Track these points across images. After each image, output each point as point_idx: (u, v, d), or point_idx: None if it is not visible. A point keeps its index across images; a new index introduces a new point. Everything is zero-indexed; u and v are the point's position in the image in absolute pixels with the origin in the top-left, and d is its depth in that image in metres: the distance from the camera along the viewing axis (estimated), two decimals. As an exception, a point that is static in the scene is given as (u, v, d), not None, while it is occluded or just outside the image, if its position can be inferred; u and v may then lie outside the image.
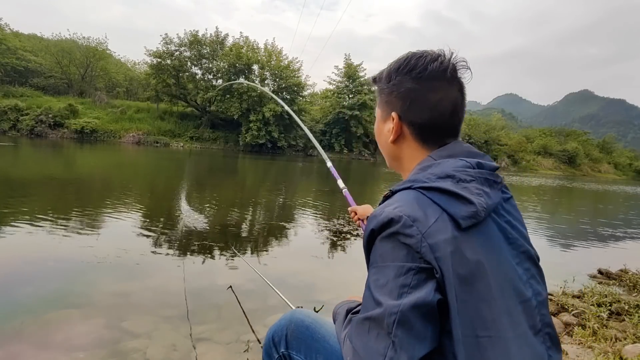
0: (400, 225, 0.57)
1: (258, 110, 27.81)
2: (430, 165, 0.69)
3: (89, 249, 3.32)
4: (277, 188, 9.75)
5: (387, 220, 0.59)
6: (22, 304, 2.28)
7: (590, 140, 60.54)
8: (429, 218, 0.57)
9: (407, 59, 0.74)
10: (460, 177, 0.63)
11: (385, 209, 0.60)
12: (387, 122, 0.78)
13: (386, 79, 0.77)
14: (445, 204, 0.59)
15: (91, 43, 32.18)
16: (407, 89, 0.73)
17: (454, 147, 0.72)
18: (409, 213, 0.58)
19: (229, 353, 1.94)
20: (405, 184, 0.66)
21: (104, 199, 5.59)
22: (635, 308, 2.73)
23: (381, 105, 0.80)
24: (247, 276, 2.94)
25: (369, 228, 0.63)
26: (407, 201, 0.60)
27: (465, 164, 0.66)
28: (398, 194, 0.65)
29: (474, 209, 0.59)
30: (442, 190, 0.60)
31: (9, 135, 23.25)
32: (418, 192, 0.62)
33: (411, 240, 0.56)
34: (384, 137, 0.80)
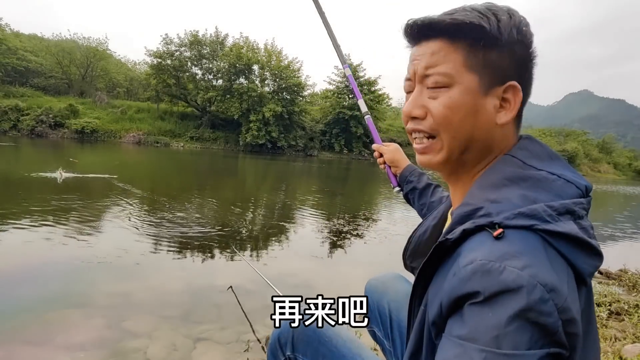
0: (535, 300, 0.39)
1: (258, 110, 27.81)
2: (523, 178, 0.51)
3: (89, 249, 3.33)
4: (277, 188, 9.75)
5: (514, 289, 0.39)
6: (22, 304, 2.28)
7: (590, 140, 60.53)
8: (564, 283, 0.41)
9: (521, 18, 0.55)
10: (578, 214, 0.48)
11: (508, 266, 0.41)
12: (490, 94, 0.55)
13: (506, 33, 0.53)
14: (573, 256, 0.44)
15: (91, 43, 32.21)
16: (526, 55, 0.55)
17: (533, 145, 0.57)
18: (545, 279, 0.40)
19: (229, 353, 1.94)
20: (521, 218, 0.45)
21: (104, 199, 5.59)
22: (634, 308, 2.73)
23: (479, 69, 0.54)
24: (247, 276, 2.94)
25: (464, 290, 0.42)
26: (536, 256, 0.42)
27: (577, 191, 0.50)
28: (514, 236, 0.44)
29: (600, 262, 0.46)
30: (569, 237, 0.44)
31: (9, 135, 23.25)
32: (542, 238, 0.44)
33: (547, 320, 0.39)
34: (484, 115, 0.55)
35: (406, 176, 1.18)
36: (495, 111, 0.55)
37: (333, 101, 32.22)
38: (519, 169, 0.53)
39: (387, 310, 1.08)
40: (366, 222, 5.79)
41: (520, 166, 0.53)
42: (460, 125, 0.56)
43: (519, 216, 0.45)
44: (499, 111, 0.55)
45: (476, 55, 0.54)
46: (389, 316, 1.07)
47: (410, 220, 6.25)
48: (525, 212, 0.46)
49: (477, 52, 0.54)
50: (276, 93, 29.17)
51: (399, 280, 1.16)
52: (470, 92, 0.55)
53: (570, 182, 0.51)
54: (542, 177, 0.51)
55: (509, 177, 0.52)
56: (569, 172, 0.53)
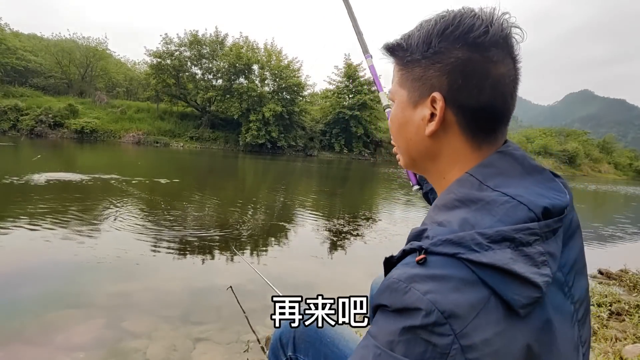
0: (428, 323, 0.42)
1: (258, 110, 27.81)
2: (474, 200, 0.50)
3: (89, 249, 3.32)
4: (277, 188, 9.75)
5: (413, 309, 0.43)
6: (22, 304, 2.29)
7: (590, 140, 60.56)
8: (471, 311, 0.42)
9: (455, 19, 0.53)
10: (521, 240, 0.45)
11: (413, 288, 0.43)
12: (419, 106, 0.56)
13: (422, 45, 0.55)
14: (499, 286, 0.43)
15: (91, 43, 32.19)
16: (458, 60, 0.52)
17: (504, 161, 0.54)
18: (445, 306, 0.42)
19: (229, 353, 1.94)
20: (446, 245, 0.46)
21: (104, 199, 5.59)
22: (635, 308, 2.73)
23: (408, 84, 0.58)
24: (247, 276, 2.94)
25: (378, 301, 0.47)
26: (446, 283, 0.43)
27: (528, 214, 0.47)
28: (434, 262, 0.45)
29: (538, 294, 0.44)
30: (497, 268, 0.44)
31: (8, 135, 23.25)
32: (465, 266, 0.44)
33: (438, 340, 0.41)
34: (412, 127, 0.58)
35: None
36: (424, 122, 0.56)
37: (333, 101, 32.21)
38: (472, 190, 0.51)
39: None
40: (366, 222, 5.79)
41: (475, 187, 0.51)
42: (397, 136, 0.63)
43: (445, 243, 0.46)
44: (429, 122, 0.56)
45: (405, 72, 0.58)
46: None
47: (410, 220, 6.25)
48: (453, 239, 0.46)
49: (405, 69, 0.58)
50: (276, 93, 29.17)
51: None
52: (401, 106, 0.60)
53: (524, 204, 0.47)
54: (491, 200, 0.49)
55: (460, 199, 0.51)
56: (534, 190, 0.50)
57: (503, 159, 0.54)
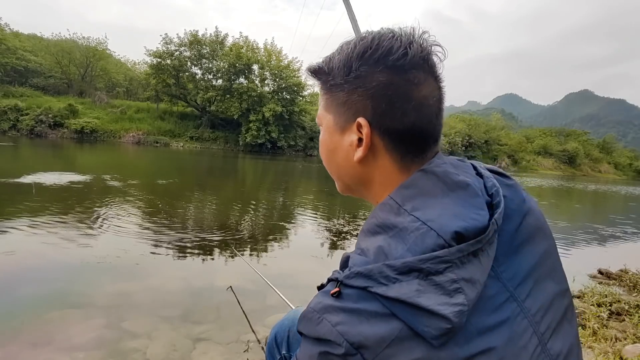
0: (339, 353, 0.43)
1: (258, 110, 27.83)
2: (390, 226, 0.49)
3: (89, 249, 3.32)
4: (276, 188, 9.75)
5: (325, 340, 0.44)
6: (22, 304, 2.28)
7: (590, 140, 60.65)
8: (381, 342, 0.42)
9: (373, 41, 0.52)
10: (429, 270, 0.44)
11: (325, 319, 0.45)
12: (346, 132, 0.55)
13: (343, 70, 0.53)
14: (408, 319, 0.43)
15: (91, 43, 32.24)
16: (380, 84, 0.51)
17: (425, 179, 0.52)
18: (354, 338, 0.42)
19: (229, 353, 1.94)
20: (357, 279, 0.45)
21: (104, 199, 5.59)
22: (635, 308, 2.73)
23: (333, 109, 0.56)
24: (247, 276, 2.94)
25: (298, 328, 0.49)
26: (356, 316, 0.44)
27: (436, 241, 0.45)
28: (348, 295, 0.46)
29: (448, 325, 0.42)
30: (405, 303, 0.43)
31: (8, 135, 23.26)
32: (376, 299, 0.44)
33: None
34: (342, 154, 0.57)
35: None
36: (353, 148, 0.55)
37: (333, 101, 32.25)
38: (390, 214, 0.50)
39: None
40: (366, 222, 5.79)
41: (394, 210, 0.50)
42: (327, 162, 0.61)
43: (357, 276, 0.45)
44: (358, 147, 0.54)
45: (329, 96, 0.56)
46: None
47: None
48: (363, 272, 0.45)
49: (329, 94, 0.56)
50: (276, 93, 29.19)
51: None
52: (329, 131, 0.58)
53: (434, 230, 0.45)
54: (404, 227, 0.47)
55: (379, 224, 0.50)
56: (452, 210, 0.48)
57: (424, 177, 0.52)
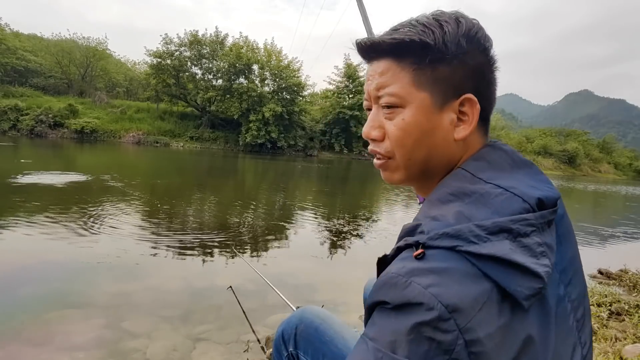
0: (431, 318, 0.40)
1: (258, 110, 27.83)
2: (468, 193, 0.49)
3: (89, 249, 3.32)
4: (277, 188, 9.75)
5: (415, 304, 0.41)
6: (22, 304, 2.28)
7: (590, 140, 60.64)
8: (474, 304, 0.41)
9: (472, 22, 0.53)
10: (519, 231, 0.44)
11: (414, 281, 0.42)
12: (445, 110, 0.53)
13: (452, 45, 0.51)
14: (501, 278, 0.42)
15: (91, 43, 32.24)
16: (481, 64, 0.53)
17: (494, 154, 0.53)
18: (449, 300, 0.40)
19: (229, 353, 1.94)
20: (444, 238, 0.44)
21: (104, 199, 5.59)
22: (635, 308, 2.73)
23: (430, 86, 0.53)
24: (247, 276, 2.94)
25: (375, 298, 0.45)
26: (448, 276, 0.42)
27: (523, 205, 0.46)
28: (433, 256, 0.44)
29: (540, 284, 0.42)
30: (498, 260, 0.42)
31: (9, 135, 23.26)
32: (465, 259, 0.43)
33: (442, 337, 0.40)
34: (441, 133, 0.54)
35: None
36: (452, 126, 0.53)
37: (333, 101, 32.24)
38: (465, 183, 0.50)
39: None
40: (366, 222, 5.79)
41: (468, 180, 0.51)
42: (415, 147, 0.55)
43: (443, 237, 0.44)
44: (457, 125, 0.53)
45: (424, 72, 0.52)
46: None
47: (410, 220, 6.25)
48: (450, 232, 0.44)
49: (424, 69, 0.52)
50: (276, 93, 29.19)
51: None
52: (423, 110, 0.53)
53: (518, 195, 0.47)
54: (485, 192, 0.48)
55: (454, 192, 0.50)
56: (529, 182, 0.49)
57: (494, 153, 0.54)
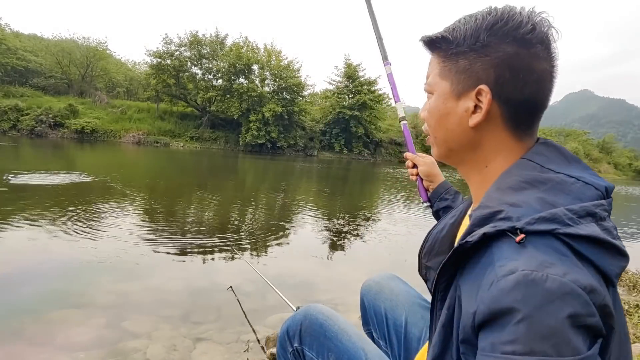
0: (580, 304, 0.40)
1: (258, 110, 27.83)
2: (542, 181, 0.51)
3: (89, 248, 3.32)
4: (277, 188, 9.75)
5: (561, 295, 0.40)
6: (22, 304, 2.28)
7: (590, 140, 60.58)
8: (598, 283, 0.42)
9: (504, 15, 0.54)
10: (600, 215, 0.47)
11: (550, 274, 0.40)
12: (463, 98, 0.58)
13: (470, 38, 0.56)
14: (597, 258, 0.44)
15: (91, 43, 32.22)
16: (506, 54, 0.54)
17: (549, 150, 0.56)
18: (584, 282, 0.40)
19: (229, 353, 1.94)
20: (541, 222, 0.45)
21: (104, 199, 5.59)
22: (635, 308, 2.73)
23: (451, 76, 0.59)
24: (247, 276, 2.94)
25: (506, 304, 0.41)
26: (569, 261, 0.43)
27: (597, 193, 0.49)
28: (538, 242, 0.44)
29: (625, 262, 0.46)
30: (592, 239, 0.44)
31: (9, 135, 23.25)
32: (563, 242, 0.44)
33: (592, 320, 0.40)
34: (454, 118, 0.59)
35: (440, 193, 1.12)
36: (468, 114, 0.58)
37: (333, 101, 32.23)
38: (536, 172, 0.53)
39: (383, 309, 1.09)
40: (366, 222, 5.79)
41: (538, 169, 0.53)
42: (436, 127, 0.63)
43: (540, 221, 0.45)
44: (473, 113, 0.57)
45: (448, 63, 0.59)
46: (385, 315, 1.08)
47: (410, 220, 6.25)
48: (546, 216, 0.46)
49: (449, 61, 0.59)
50: (276, 93, 29.19)
51: (393, 280, 1.17)
52: (442, 97, 0.61)
53: (589, 184, 0.50)
54: (561, 180, 0.51)
55: (527, 180, 0.52)
56: (587, 174, 0.53)
57: (549, 148, 0.56)
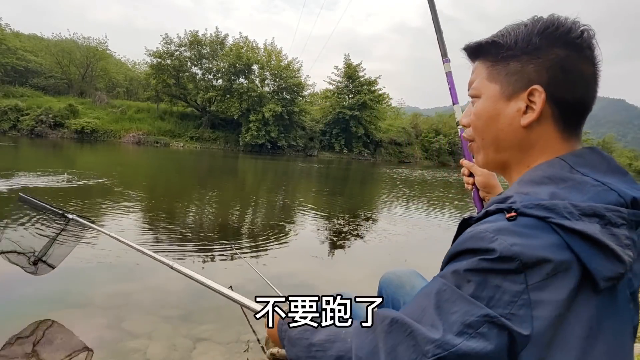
0: (505, 269, 0.45)
1: (258, 110, 27.83)
2: (564, 179, 0.53)
3: (89, 248, 3.32)
4: (277, 188, 9.75)
5: (494, 252, 0.45)
6: (22, 304, 2.29)
7: (590, 140, 60.50)
8: (551, 269, 0.45)
9: (554, 20, 0.57)
10: (610, 219, 0.47)
11: (500, 238, 0.46)
12: (514, 99, 0.60)
13: (522, 42, 0.58)
14: (585, 254, 0.45)
15: (91, 43, 32.24)
16: (558, 57, 0.56)
17: (593, 155, 0.56)
18: (529, 258, 0.44)
19: (229, 353, 1.94)
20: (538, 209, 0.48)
21: (104, 198, 5.59)
22: (635, 308, 2.72)
23: (501, 78, 0.61)
24: (247, 276, 2.94)
25: (458, 248, 0.50)
26: (533, 240, 0.46)
27: (618, 199, 0.49)
28: (524, 221, 0.48)
29: (622, 269, 0.46)
30: (586, 236, 0.45)
31: (9, 135, 23.26)
32: (554, 231, 0.46)
33: (509, 286, 0.44)
34: (506, 119, 0.61)
35: None
36: (520, 114, 0.59)
37: (333, 101, 32.22)
38: (563, 171, 0.54)
39: (402, 304, 1.07)
40: (366, 222, 5.79)
41: (567, 169, 0.54)
42: (484, 129, 0.64)
43: (538, 207, 0.48)
44: (525, 113, 0.59)
45: (497, 67, 0.61)
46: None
47: (410, 220, 6.25)
48: (546, 205, 0.48)
49: (497, 65, 0.61)
50: (276, 93, 29.19)
51: (415, 276, 1.15)
52: (492, 99, 0.62)
53: (614, 190, 0.50)
54: (583, 181, 0.52)
55: (550, 176, 0.54)
56: (623, 184, 0.52)
57: (593, 154, 0.57)
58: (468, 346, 0.44)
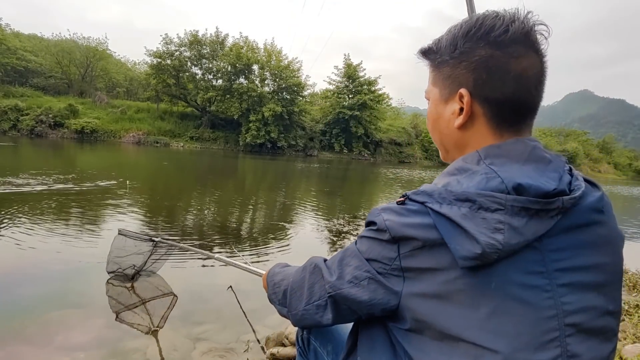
0: (383, 238, 0.58)
1: (258, 110, 27.82)
2: (466, 170, 0.57)
3: (89, 248, 3.32)
4: (277, 188, 9.75)
5: (378, 226, 0.58)
6: (22, 304, 2.28)
7: (590, 140, 60.55)
8: (416, 244, 0.54)
9: (478, 21, 0.58)
10: (482, 204, 0.51)
11: (382, 214, 0.59)
12: (450, 102, 0.63)
13: (449, 47, 0.61)
14: (447, 235, 0.52)
15: (91, 43, 32.21)
16: (481, 57, 0.57)
17: (515, 146, 0.57)
18: (396, 232, 0.56)
19: (229, 353, 1.94)
20: (420, 195, 0.56)
21: (104, 199, 5.59)
22: (635, 308, 2.73)
23: (439, 83, 0.64)
24: (247, 276, 2.93)
25: (367, 218, 0.63)
26: (408, 218, 0.55)
27: (499, 186, 0.52)
28: (408, 204, 0.57)
29: (477, 250, 0.49)
30: (448, 219, 0.52)
31: (9, 135, 23.26)
32: (428, 213, 0.54)
33: (386, 252, 0.57)
34: (444, 121, 0.65)
35: None
36: (454, 116, 0.62)
37: (333, 101, 32.21)
38: (470, 163, 0.58)
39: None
40: (366, 222, 5.78)
41: (475, 161, 0.58)
42: (432, 131, 0.70)
43: (421, 194, 0.57)
44: (459, 115, 0.62)
45: (436, 72, 0.65)
46: None
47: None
48: (426, 191, 0.56)
49: (436, 70, 0.65)
50: (276, 93, 29.18)
51: None
52: (434, 103, 0.67)
53: (500, 177, 0.53)
54: (477, 170, 0.56)
55: (458, 167, 0.59)
56: (527, 172, 0.54)
57: (514, 144, 0.58)
58: (349, 292, 0.61)
